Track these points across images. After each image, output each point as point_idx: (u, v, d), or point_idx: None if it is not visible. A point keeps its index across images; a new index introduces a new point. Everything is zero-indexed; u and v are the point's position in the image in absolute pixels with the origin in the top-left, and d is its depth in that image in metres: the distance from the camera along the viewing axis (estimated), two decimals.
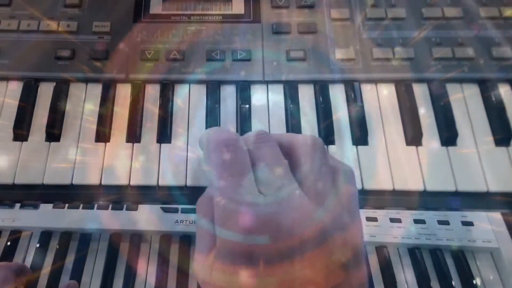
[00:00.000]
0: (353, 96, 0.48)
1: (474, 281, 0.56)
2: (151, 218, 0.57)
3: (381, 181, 0.44)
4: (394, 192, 0.44)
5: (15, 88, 0.49)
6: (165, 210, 0.57)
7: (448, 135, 0.46)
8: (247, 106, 0.48)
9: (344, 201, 0.29)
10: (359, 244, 0.28)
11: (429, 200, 0.45)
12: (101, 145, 0.47)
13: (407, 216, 0.59)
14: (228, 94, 0.49)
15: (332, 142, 0.47)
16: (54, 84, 0.49)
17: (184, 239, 0.59)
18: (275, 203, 0.27)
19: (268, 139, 0.31)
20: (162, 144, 0.47)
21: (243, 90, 0.49)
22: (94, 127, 0.47)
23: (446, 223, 0.59)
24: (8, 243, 0.59)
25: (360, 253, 0.28)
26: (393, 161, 0.45)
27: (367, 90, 0.49)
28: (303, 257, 0.26)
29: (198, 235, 0.32)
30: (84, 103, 0.49)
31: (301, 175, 0.29)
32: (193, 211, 0.57)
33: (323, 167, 0.30)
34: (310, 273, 0.26)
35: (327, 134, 0.46)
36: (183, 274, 0.54)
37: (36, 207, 0.59)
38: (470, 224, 0.59)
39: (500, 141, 0.46)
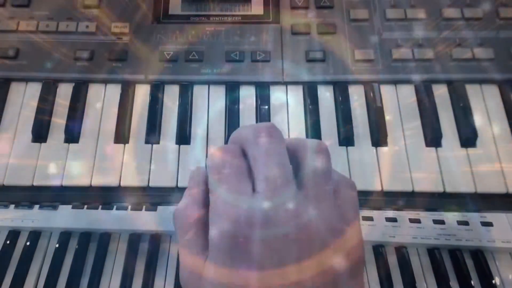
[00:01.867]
0: (373, 97, 0.49)
1: (493, 281, 0.57)
2: (170, 219, 0.58)
3: (401, 183, 0.46)
4: (413, 193, 0.45)
5: (34, 89, 0.50)
6: None
7: (468, 136, 0.47)
8: (266, 107, 0.49)
9: (343, 208, 0.30)
10: (356, 252, 0.29)
11: (448, 201, 0.46)
12: (119, 146, 0.48)
13: (426, 216, 0.60)
14: (247, 95, 0.50)
15: (351, 143, 0.47)
16: (73, 85, 0.50)
17: None
18: (269, 202, 0.27)
19: (278, 135, 0.31)
20: (181, 146, 0.48)
21: (262, 91, 0.50)
22: (113, 128, 0.48)
23: (465, 223, 0.60)
24: (28, 244, 0.60)
25: (357, 261, 0.28)
26: (413, 162, 0.46)
27: (387, 91, 0.50)
28: (296, 261, 0.26)
29: (182, 245, 0.31)
30: (103, 104, 0.50)
31: (302, 177, 0.29)
32: None
33: (325, 172, 0.31)
34: (304, 278, 0.26)
35: (346, 135, 0.47)
36: None
37: (55, 207, 0.60)
38: (489, 224, 0.60)
39: None
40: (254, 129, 0.31)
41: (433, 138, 0.47)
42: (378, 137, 0.47)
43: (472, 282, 0.56)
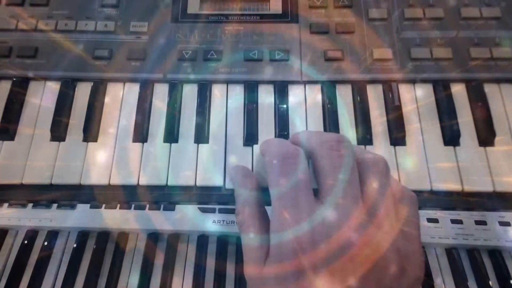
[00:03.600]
0: (391, 96, 0.50)
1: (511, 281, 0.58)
2: (188, 218, 0.60)
3: (419, 182, 0.46)
4: (432, 192, 0.46)
5: (52, 88, 0.51)
6: (203, 210, 0.60)
7: (486, 135, 0.48)
8: (285, 106, 0.50)
9: (404, 227, 0.30)
10: (415, 272, 0.29)
11: (467, 200, 0.46)
12: (138, 145, 0.49)
13: (444, 216, 0.61)
14: (266, 94, 0.51)
15: (369, 142, 0.48)
16: (92, 84, 0.51)
17: (221, 239, 0.61)
18: (332, 214, 0.28)
19: (350, 150, 0.31)
20: (200, 145, 0.49)
21: (281, 90, 0.51)
22: (132, 127, 0.49)
23: (483, 223, 0.61)
24: (46, 243, 0.61)
25: (416, 278, 0.29)
26: (431, 161, 0.47)
27: (405, 90, 0.51)
28: (354, 273, 0.27)
29: (246, 246, 0.32)
30: (121, 103, 0.51)
31: (365, 194, 0.30)
32: (230, 211, 0.60)
33: (389, 191, 0.30)
34: None
35: (364, 134, 0.48)
36: (221, 274, 0.57)
37: (73, 207, 0.61)
38: (507, 224, 0.61)
39: None
40: (327, 139, 0.32)
41: (451, 137, 0.48)
42: (397, 136, 0.48)
43: (490, 282, 0.57)
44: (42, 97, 0.52)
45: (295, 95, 0.51)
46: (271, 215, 0.30)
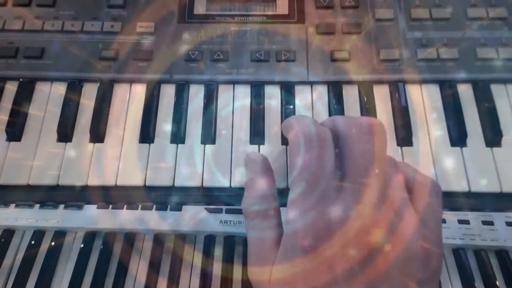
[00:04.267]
0: (398, 97, 0.50)
1: None
2: (195, 219, 0.60)
3: None
4: None
5: (59, 89, 0.52)
6: (209, 211, 0.61)
7: (493, 136, 0.48)
8: (291, 106, 0.50)
9: (425, 217, 0.30)
10: (436, 267, 0.29)
11: (473, 201, 0.47)
12: (145, 146, 0.49)
13: (451, 216, 0.61)
14: (272, 95, 0.51)
15: None
16: (98, 84, 0.51)
17: (228, 240, 0.61)
18: (352, 209, 0.27)
19: (383, 135, 0.30)
20: (206, 145, 0.49)
21: (287, 91, 0.51)
22: (138, 128, 0.50)
23: (490, 223, 0.61)
24: (53, 244, 0.62)
25: (435, 270, 0.28)
26: (438, 162, 0.48)
27: (412, 91, 0.51)
28: (376, 270, 0.26)
29: (253, 239, 0.31)
30: (128, 104, 0.51)
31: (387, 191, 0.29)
32: (237, 211, 0.60)
33: (414, 183, 0.31)
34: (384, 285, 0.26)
35: None
36: (228, 274, 0.58)
37: (80, 207, 0.62)
38: None
39: None
40: (356, 124, 0.30)
41: (458, 137, 0.48)
42: (403, 137, 0.49)
43: (497, 283, 0.58)
44: (49, 98, 0.52)
45: (301, 95, 0.51)
46: (289, 200, 0.29)
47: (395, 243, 0.27)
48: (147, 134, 0.50)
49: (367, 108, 0.50)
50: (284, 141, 0.49)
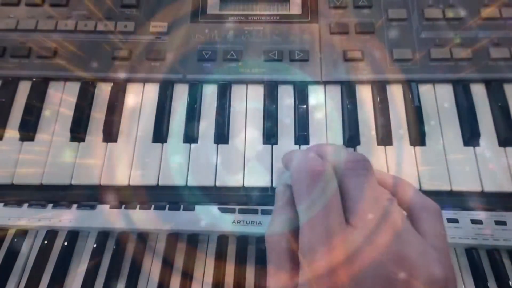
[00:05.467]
0: (411, 96, 0.50)
1: None
2: (208, 219, 0.60)
3: (439, 182, 0.47)
4: (451, 193, 0.47)
5: (72, 88, 0.52)
6: (222, 211, 0.61)
7: (506, 135, 0.48)
8: (305, 106, 0.50)
9: (430, 239, 0.30)
10: (450, 283, 0.28)
11: (486, 200, 0.47)
12: (158, 145, 0.49)
13: (464, 216, 0.61)
14: (286, 94, 0.51)
15: (389, 143, 0.49)
16: (111, 84, 0.52)
17: (241, 240, 0.61)
18: (366, 236, 0.27)
19: (368, 168, 0.31)
20: (220, 145, 0.49)
21: (301, 90, 0.51)
22: (152, 127, 0.50)
23: (503, 223, 0.61)
24: (66, 244, 0.61)
25: None
26: (451, 161, 0.48)
27: (425, 90, 0.51)
28: None
29: (272, 270, 0.31)
30: (141, 103, 0.51)
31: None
32: (250, 211, 0.61)
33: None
34: None
35: (384, 134, 0.49)
36: (240, 274, 0.58)
37: (93, 207, 0.61)
38: None
39: None
40: (352, 160, 0.31)
41: (471, 137, 0.48)
42: (416, 137, 0.49)
43: (510, 283, 0.57)
44: (62, 98, 0.52)
45: (314, 95, 0.51)
46: (300, 239, 0.29)
47: (414, 274, 0.27)
48: (160, 134, 0.50)
49: (380, 108, 0.50)
50: (298, 140, 0.50)
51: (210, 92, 0.52)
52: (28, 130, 0.50)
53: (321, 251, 0.27)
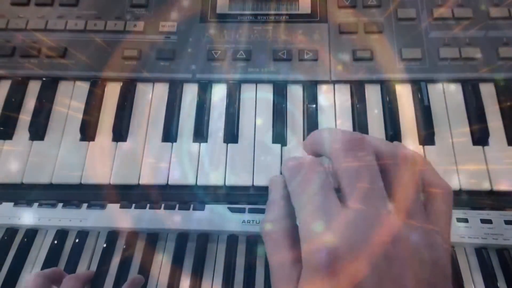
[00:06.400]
0: (420, 96, 0.50)
1: None
2: (218, 218, 0.61)
3: (448, 181, 0.45)
4: (461, 192, 0.46)
5: (82, 88, 0.52)
6: (232, 210, 0.61)
7: None
8: (314, 106, 0.50)
9: (438, 223, 0.29)
10: (445, 268, 0.28)
11: (496, 199, 0.47)
12: (167, 145, 0.49)
13: (474, 216, 0.61)
14: (295, 94, 0.51)
15: (398, 141, 0.47)
16: (121, 84, 0.51)
17: (251, 239, 0.62)
18: (361, 217, 0.27)
19: (363, 147, 0.30)
20: (229, 144, 0.49)
21: (310, 90, 0.51)
22: (161, 127, 0.50)
23: None
24: (75, 243, 0.62)
25: (446, 277, 0.28)
26: (460, 161, 0.47)
27: (434, 90, 0.51)
28: (390, 276, 0.26)
29: (273, 260, 0.31)
30: (151, 103, 0.51)
31: (393, 191, 0.29)
32: (260, 211, 0.61)
33: (415, 185, 0.30)
34: None
35: (394, 134, 0.48)
36: (250, 274, 0.58)
37: (103, 207, 0.62)
38: None
39: None
40: (342, 140, 0.30)
41: (480, 136, 0.48)
42: (426, 136, 0.48)
43: None
44: (72, 97, 0.52)
45: (324, 95, 0.51)
46: (299, 226, 0.29)
47: (407, 252, 0.27)
48: (169, 133, 0.50)
49: (390, 108, 0.50)
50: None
51: (219, 92, 0.52)
52: (38, 129, 0.50)
53: (318, 235, 0.27)
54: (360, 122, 0.50)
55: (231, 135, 0.50)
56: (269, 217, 0.32)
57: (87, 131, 0.50)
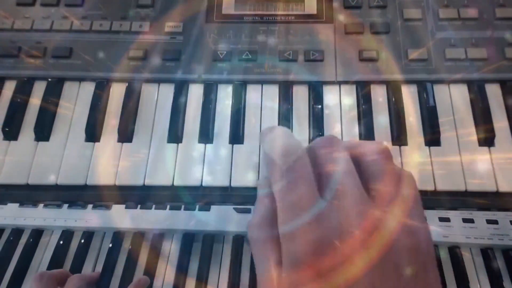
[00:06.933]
0: (425, 97, 0.50)
1: None
2: (224, 219, 0.60)
3: (454, 182, 0.46)
4: (466, 193, 0.46)
5: (87, 88, 0.51)
6: (238, 211, 0.61)
7: None
8: (320, 106, 0.50)
9: (410, 206, 0.32)
10: (427, 247, 0.29)
11: (502, 200, 0.47)
12: (173, 146, 0.49)
13: (479, 216, 0.61)
14: (301, 94, 0.51)
15: (404, 143, 0.48)
16: (127, 84, 0.51)
17: None
18: (338, 207, 0.27)
19: (338, 143, 0.31)
20: (235, 145, 0.49)
21: (316, 90, 0.51)
22: (167, 127, 0.49)
23: None
24: (81, 244, 0.61)
25: (429, 256, 0.28)
26: (466, 161, 0.47)
27: (440, 91, 0.51)
28: (369, 263, 0.26)
29: (258, 254, 0.31)
30: (156, 103, 0.51)
31: (368, 182, 0.30)
32: None
33: (389, 174, 0.30)
34: (378, 280, 0.26)
35: (399, 134, 0.48)
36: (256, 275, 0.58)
37: (108, 207, 0.61)
38: None
39: None
40: (319, 139, 0.32)
41: (486, 137, 0.48)
42: (431, 137, 0.48)
43: None
44: (77, 98, 0.52)
45: (330, 95, 0.51)
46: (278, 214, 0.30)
47: (385, 237, 0.27)
48: (175, 134, 0.49)
49: (395, 108, 0.50)
50: (313, 140, 0.50)
51: (225, 92, 0.52)
52: (43, 130, 0.50)
53: (296, 229, 0.28)
54: (365, 123, 0.50)
55: (237, 136, 0.50)
56: (253, 218, 0.33)
57: (93, 132, 0.50)
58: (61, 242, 0.62)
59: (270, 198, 0.33)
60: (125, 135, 0.50)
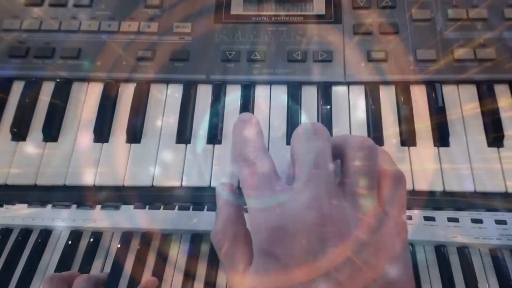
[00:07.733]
0: (434, 97, 0.49)
1: None
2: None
3: (463, 183, 0.46)
4: (475, 194, 0.46)
5: (95, 89, 0.51)
6: (246, 211, 0.61)
7: None
8: (328, 107, 0.49)
9: (386, 201, 0.30)
10: (401, 247, 0.29)
11: (511, 201, 0.46)
12: (181, 146, 0.49)
13: (488, 217, 0.61)
14: (309, 95, 0.51)
15: (413, 143, 0.48)
16: (135, 85, 0.51)
17: None
18: (300, 197, 0.28)
19: (323, 134, 0.31)
20: None
21: (324, 91, 0.50)
22: (175, 128, 0.49)
23: None
24: (90, 244, 0.61)
25: (402, 258, 0.29)
26: (475, 162, 0.47)
27: (449, 91, 0.50)
28: (336, 256, 0.26)
29: (226, 253, 0.32)
30: (164, 104, 0.51)
31: (344, 175, 0.30)
32: None
33: (367, 169, 0.30)
34: (349, 275, 0.26)
35: (408, 135, 0.48)
36: None
37: (117, 208, 0.62)
38: None
39: None
40: (301, 128, 0.33)
41: (495, 138, 0.48)
42: (440, 137, 0.48)
43: None
44: (85, 99, 0.51)
45: (338, 96, 0.51)
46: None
47: (344, 232, 0.27)
48: (183, 135, 0.49)
49: (404, 109, 0.49)
50: None
51: (233, 93, 0.51)
52: (51, 131, 0.49)
53: (260, 217, 0.29)
54: (374, 124, 0.49)
55: None
56: (215, 226, 0.34)
57: (101, 133, 0.50)
58: (70, 242, 0.62)
59: (228, 202, 0.35)
60: (134, 135, 0.49)
